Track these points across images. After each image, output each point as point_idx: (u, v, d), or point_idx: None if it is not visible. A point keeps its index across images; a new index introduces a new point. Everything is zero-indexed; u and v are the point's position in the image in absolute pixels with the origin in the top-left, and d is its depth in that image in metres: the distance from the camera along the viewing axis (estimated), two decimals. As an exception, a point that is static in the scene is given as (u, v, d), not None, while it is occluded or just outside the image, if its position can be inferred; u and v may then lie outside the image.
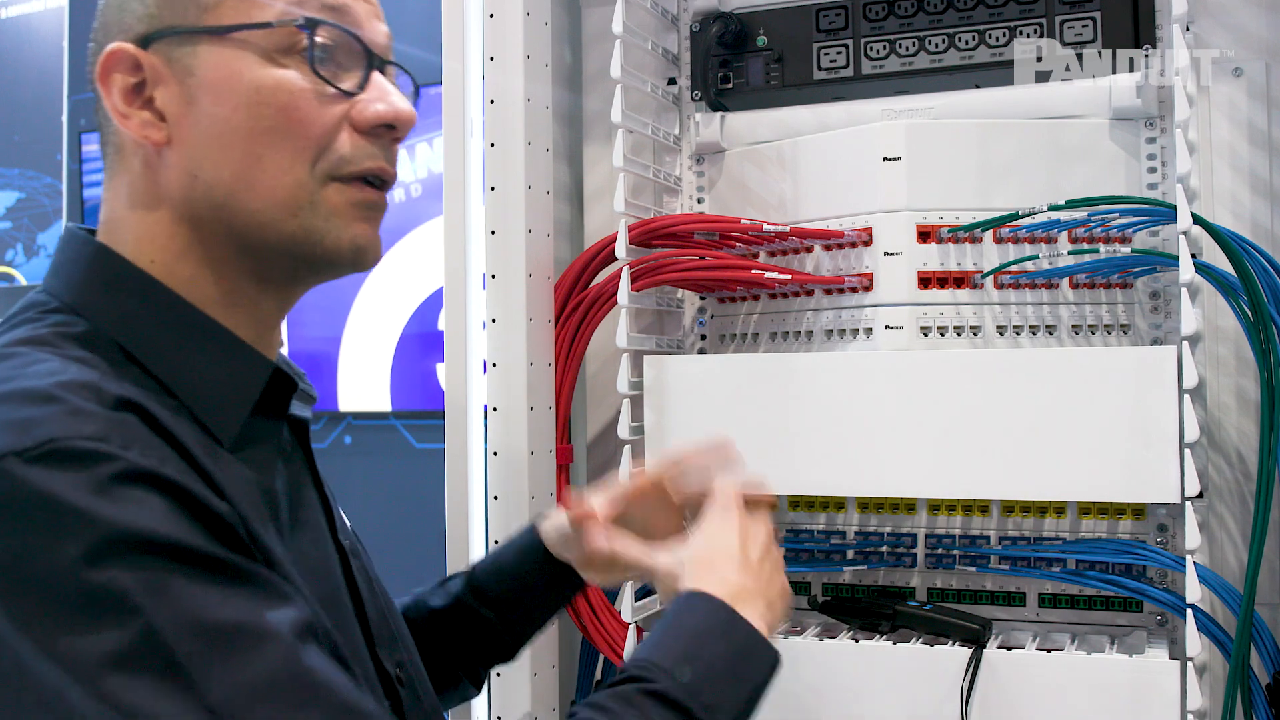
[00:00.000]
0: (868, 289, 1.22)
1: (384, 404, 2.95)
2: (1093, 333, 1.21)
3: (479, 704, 1.36)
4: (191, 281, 0.73)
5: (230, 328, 0.74)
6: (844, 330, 1.24)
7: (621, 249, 1.25)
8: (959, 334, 1.20)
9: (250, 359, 0.74)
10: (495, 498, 1.29)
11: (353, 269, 0.76)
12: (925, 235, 1.20)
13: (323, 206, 0.72)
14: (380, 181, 0.76)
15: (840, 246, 1.24)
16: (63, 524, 0.56)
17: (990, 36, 1.24)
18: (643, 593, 1.26)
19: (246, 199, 0.71)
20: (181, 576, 0.58)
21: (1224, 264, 1.07)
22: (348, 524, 0.87)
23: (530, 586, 1.01)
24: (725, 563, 0.83)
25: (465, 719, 1.38)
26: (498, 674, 1.26)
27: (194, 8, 0.71)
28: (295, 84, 0.71)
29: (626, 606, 1.22)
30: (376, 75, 0.75)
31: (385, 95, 0.74)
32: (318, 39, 0.72)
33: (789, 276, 1.24)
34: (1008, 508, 1.24)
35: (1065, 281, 1.20)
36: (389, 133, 0.75)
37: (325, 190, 0.72)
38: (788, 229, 1.25)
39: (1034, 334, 1.21)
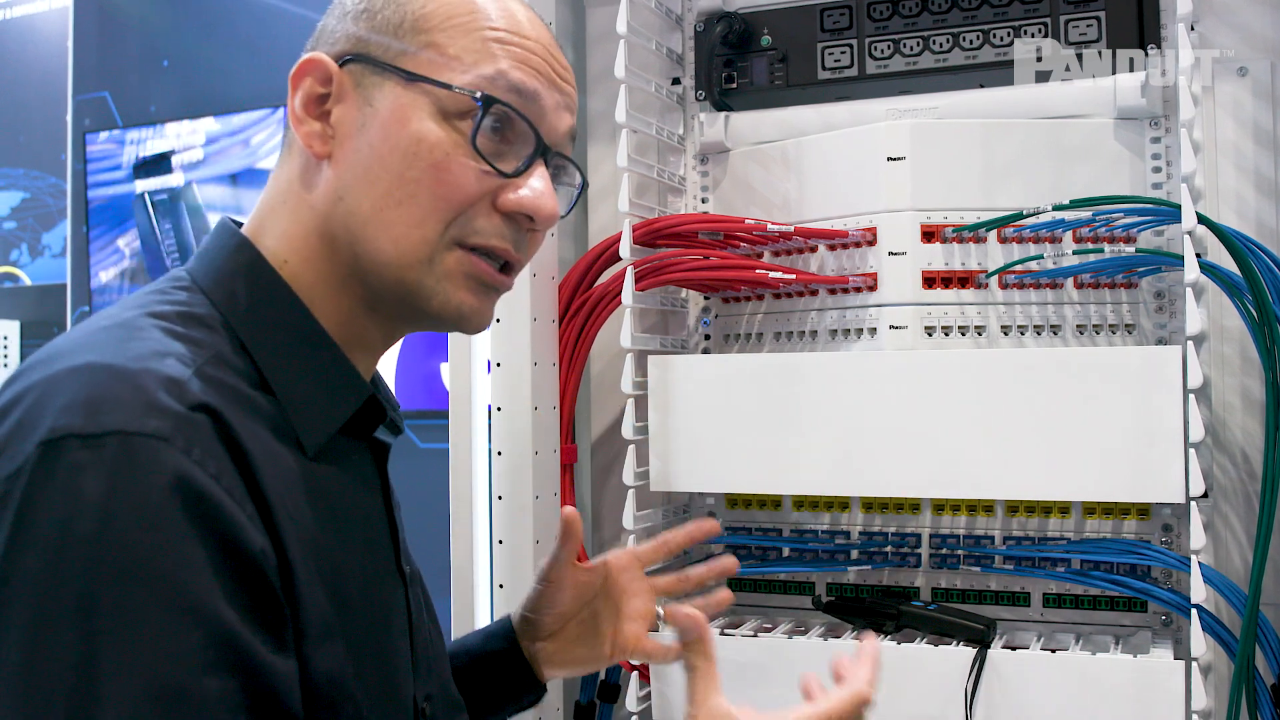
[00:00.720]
0: (872, 289, 1.22)
1: (388, 404, 2.95)
2: (1097, 333, 1.21)
3: (483, 703, 1.36)
4: (311, 290, 0.75)
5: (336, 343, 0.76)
6: (848, 330, 1.24)
7: (626, 249, 1.25)
8: (963, 334, 1.20)
9: (350, 379, 0.76)
10: (499, 498, 1.29)
11: (455, 330, 0.78)
12: (930, 235, 1.20)
13: (439, 268, 0.73)
14: (504, 263, 0.77)
15: (845, 246, 1.24)
16: (75, 528, 0.56)
17: (995, 36, 1.24)
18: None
19: (375, 236, 0.73)
20: (161, 618, 0.57)
21: (1229, 264, 1.08)
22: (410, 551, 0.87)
23: (485, 668, 0.99)
24: None
25: None
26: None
27: (395, 46, 0.73)
28: (452, 148, 0.72)
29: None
30: (540, 166, 0.75)
31: (535, 186, 0.75)
32: (490, 115, 0.73)
33: (793, 276, 1.24)
34: (1012, 508, 1.24)
35: (1070, 281, 1.20)
36: (528, 223, 0.76)
37: (448, 254, 0.73)
38: (792, 229, 1.25)
39: (1038, 334, 1.21)
